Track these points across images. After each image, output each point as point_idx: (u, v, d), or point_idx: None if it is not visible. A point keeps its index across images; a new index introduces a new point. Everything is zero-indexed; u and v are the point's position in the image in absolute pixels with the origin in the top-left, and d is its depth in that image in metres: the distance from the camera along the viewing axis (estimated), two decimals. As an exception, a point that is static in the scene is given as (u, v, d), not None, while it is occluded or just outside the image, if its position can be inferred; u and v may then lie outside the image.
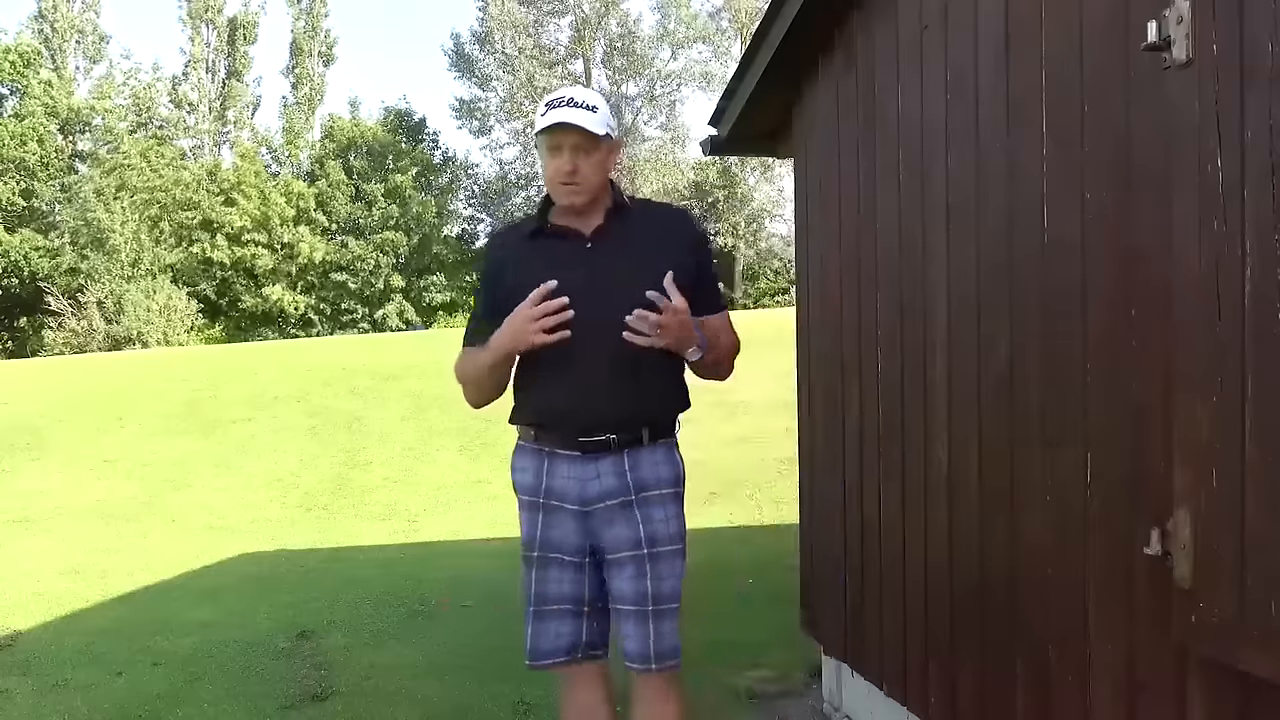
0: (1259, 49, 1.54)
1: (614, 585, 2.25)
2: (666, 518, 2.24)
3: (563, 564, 2.26)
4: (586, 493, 2.21)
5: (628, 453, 2.21)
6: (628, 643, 2.24)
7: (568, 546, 2.26)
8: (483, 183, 39.40)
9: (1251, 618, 1.58)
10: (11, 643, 4.97)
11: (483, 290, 2.32)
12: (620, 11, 37.08)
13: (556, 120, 2.11)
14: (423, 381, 13.70)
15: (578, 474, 2.21)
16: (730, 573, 5.95)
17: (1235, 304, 1.58)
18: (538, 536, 2.28)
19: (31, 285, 30.37)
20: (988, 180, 2.45)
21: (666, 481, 2.26)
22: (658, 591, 2.22)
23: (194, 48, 37.36)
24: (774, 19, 3.35)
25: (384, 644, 4.71)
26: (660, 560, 2.23)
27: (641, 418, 2.22)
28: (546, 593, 2.28)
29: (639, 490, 2.22)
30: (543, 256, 2.21)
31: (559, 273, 2.14)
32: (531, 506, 2.29)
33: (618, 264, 2.15)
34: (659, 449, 2.25)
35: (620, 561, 2.22)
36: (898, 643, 2.96)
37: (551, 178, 2.18)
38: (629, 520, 2.21)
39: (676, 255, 2.19)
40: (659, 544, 2.22)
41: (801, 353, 3.72)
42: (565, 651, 2.29)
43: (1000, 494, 2.43)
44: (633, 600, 2.22)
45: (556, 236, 2.23)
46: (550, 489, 2.25)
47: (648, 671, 2.24)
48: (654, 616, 2.22)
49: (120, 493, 9.81)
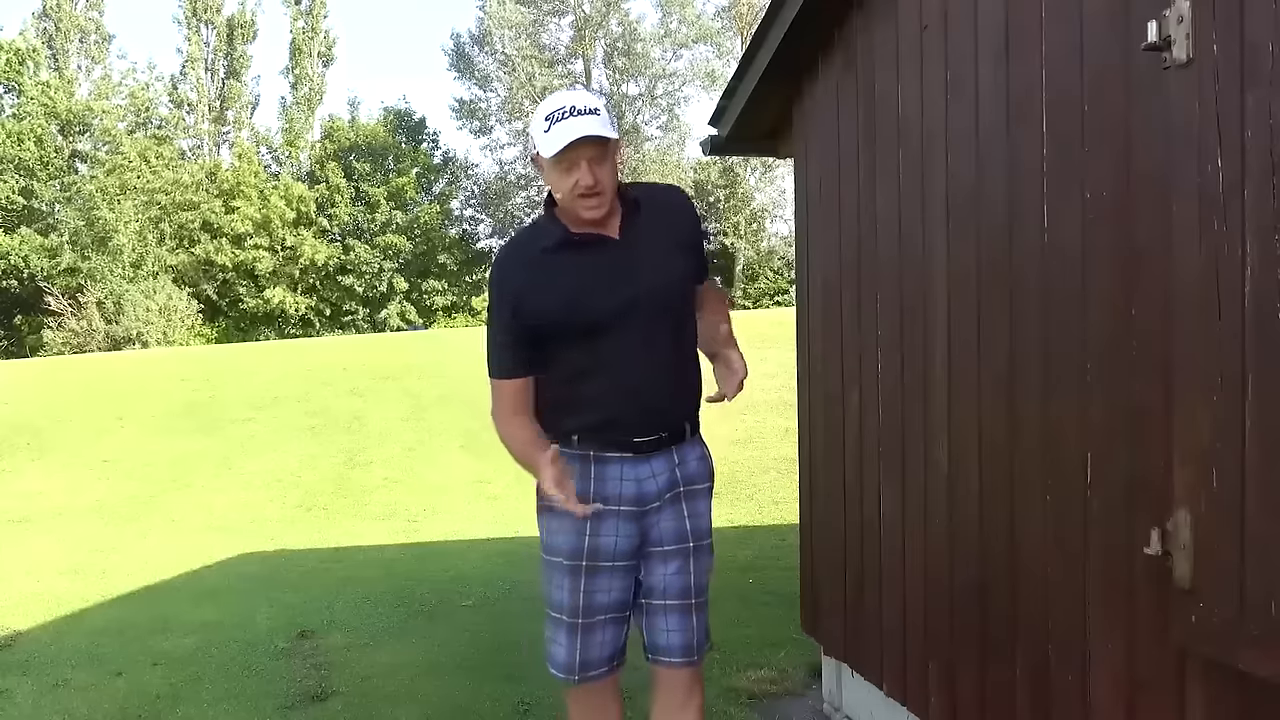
0: (1259, 49, 1.54)
1: (656, 580, 2.22)
2: (706, 511, 2.27)
3: (614, 571, 2.20)
4: (645, 491, 2.18)
5: (675, 448, 2.22)
6: (669, 636, 2.23)
7: (621, 552, 2.19)
8: (482, 183, 39.42)
9: (1251, 618, 1.58)
10: (11, 643, 4.97)
11: (501, 320, 2.16)
12: (621, 11, 37.08)
13: (573, 137, 1.98)
14: (423, 381, 13.71)
15: (631, 475, 2.17)
16: (730, 573, 5.94)
17: (1235, 304, 1.58)
18: (585, 545, 2.17)
19: (31, 285, 30.38)
20: (988, 180, 2.45)
21: (707, 475, 2.29)
22: (700, 584, 2.25)
23: (192, 47, 37.35)
24: (774, 19, 3.35)
25: (384, 644, 4.71)
26: (702, 554, 2.25)
27: (685, 413, 2.24)
28: (595, 603, 2.19)
29: (686, 484, 2.23)
30: (569, 266, 2.11)
31: (594, 277, 2.09)
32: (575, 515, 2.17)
33: (647, 258, 2.13)
34: (698, 442, 2.29)
35: (666, 555, 2.22)
36: (898, 643, 2.96)
37: (568, 193, 2.05)
38: (677, 514, 2.22)
39: (690, 236, 2.23)
40: (702, 537, 2.25)
41: (802, 352, 3.72)
42: (608, 661, 2.25)
43: (1000, 494, 2.43)
44: (678, 594, 2.22)
45: (587, 245, 2.12)
46: (600, 494, 2.16)
47: (689, 664, 2.25)
48: (696, 609, 2.24)
49: (120, 493, 9.81)
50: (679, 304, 2.17)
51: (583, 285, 2.09)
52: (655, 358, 2.13)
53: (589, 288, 2.08)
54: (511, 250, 2.26)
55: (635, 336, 2.10)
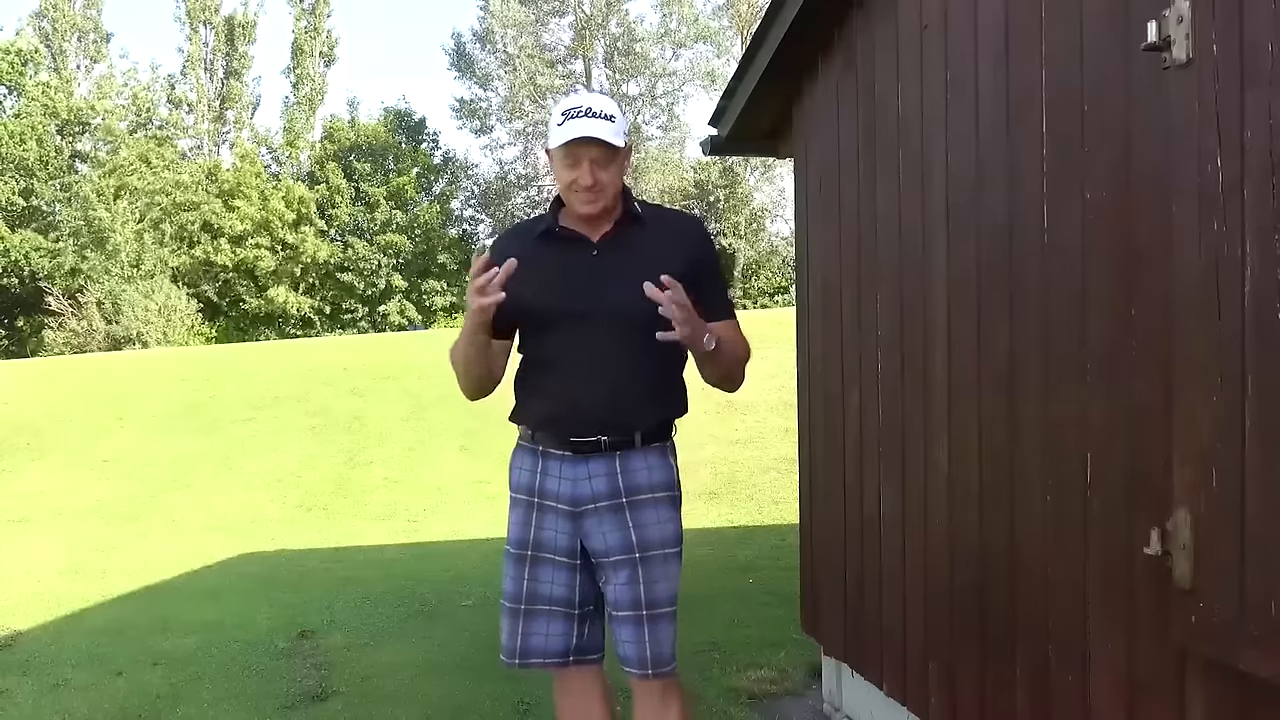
0: (1259, 49, 1.54)
1: (609, 590, 2.23)
2: (660, 521, 2.22)
3: (556, 565, 2.24)
4: (578, 493, 2.21)
5: (619, 455, 2.20)
6: (624, 648, 2.23)
7: (560, 548, 2.24)
8: (482, 183, 39.42)
9: (1251, 618, 1.58)
10: (11, 643, 4.97)
11: None
12: (621, 11, 37.08)
13: (579, 134, 2.08)
14: (423, 381, 13.70)
15: (569, 474, 2.21)
16: (730, 572, 5.95)
17: (1235, 304, 1.58)
18: (530, 536, 2.26)
19: (31, 285, 30.40)
20: (988, 180, 2.45)
21: (659, 485, 2.24)
22: (652, 596, 2.20)
23: (191, 47, 37.36)
24: (774, 19, 3.35)
25: (384, 644, 4.71)
26: (652, 564, 2.21)
27: (635, 420, 2.20)
28: (537, 592, 2.25)
29: (630, 494, 2.20)
30: (548, 258, 2.20)
31: (563, 274, 2.16)
32: (525, 505, 2.28)
33: (621, 270, 2.13)
34: (651, 453, 2.23)
35: (614, 565, 2.21)
36: (898, 643, 2.96)
37: (568, 186, 2.15)
38: (620, 524, 2.20)
39: (681, 263, 2.15)
40: (651, 548, 2.21)
41: (802, 352, 3.72)
42: (558, 654, 2.27)
43: (1000, 494, 2.43)
44: (628, 605, 2.20)
45: (564, 240, 2.23)
46: (543, 489, 2.24)
47: (645, 678, 2.23)
48: (649, 621, 2.20)
49: (120, 493, 9.81)
50: (646, 321, 2.04)
51: (550, 279, 2.17)
52: (604, 364, 2.14)
53: (554, 283, 2.16)
54: (512, 230, 2.45)
55: (586, 340, 2.15)
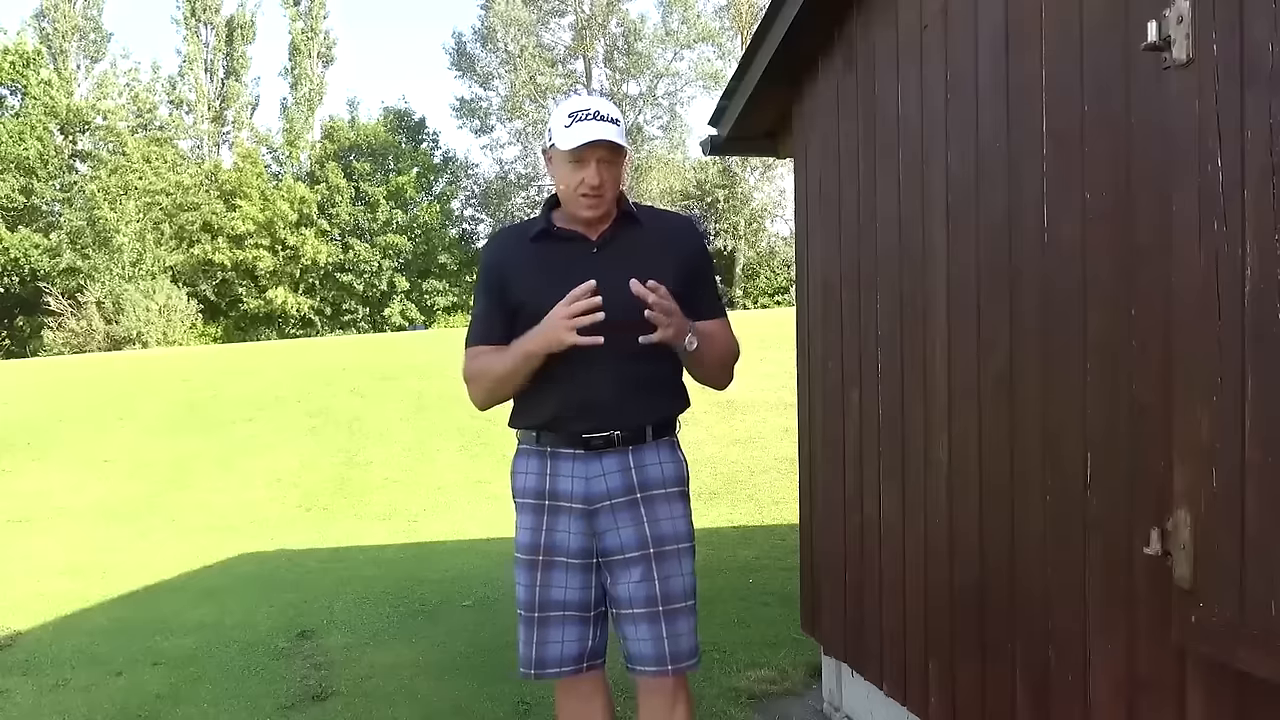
0: (1259, 49, 1.54)
1: (619, 589, 2.21)
2: (672, 516, 2.23)
3: (568, 568, 2.23)
4: (592, 490, 2.20)
5: (632, 450, 2.21)
6: (638, 645, 2.21)
7: (573, 549, 2.22)
8: (483, 182, 39.42)
9: (1251, 618, 1.58)
10: (11, 643, 4.97)
11: (484, 291, 2.30)
12: (621, 11, 37.08)
13: (593, 138, 2.11)
14: (423, 381, 13.71)
15: (582, 472, 2.20)
16: (730, 572, 5.95)
17: (1235, 304, 1.58)
18: (541, 541, 2.24)
19: (31, 285, 30.39)
20: (988, 180, 2.45)
21: (672, 480, 2.25)
22: (667, 591, 2.20)
23: (191, 47, 37.37)
24: (774, 19, 3.35)
25: (384, 644, 4.71)
26: (666, 559, 2.21)
27: (644, 415, 2.22)
28: (550, 598, 2.23)
29: (644, 489, 2.21)
30: (547, 259, 2.22)
31: (563, 275, 2.15)
32: (535, 510, 2.26)
33: (620, 270, 2.14)
34: (662, 446, 2.25)
35: (627, 563, 2.20)
36: (898, 643, 2.96)
37: (573, 189, 2.17)
38: (634, 519, 2.20)
39: (676, 262, 2.21)
40: (665, 543, 2.22)
41: (802, 352, 3.72)
42: (572, 661, 2.25)
43: (1000, 494, 2.43)
44: (643, 602, 2.19)
45: (562, 239, 2.24)
46: (555, 490, 2.23)
47: (662, 673, 2.21)
48: (666, 616, 2.20)
49: (120, 492, 9.81)
50: (639, 317, 2.06)
51: (549, 278, 2.17)
52: (607, 359, 2.14)
53: (552, 281, 2.15)
54: (503, 231, 2.47)
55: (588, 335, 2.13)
